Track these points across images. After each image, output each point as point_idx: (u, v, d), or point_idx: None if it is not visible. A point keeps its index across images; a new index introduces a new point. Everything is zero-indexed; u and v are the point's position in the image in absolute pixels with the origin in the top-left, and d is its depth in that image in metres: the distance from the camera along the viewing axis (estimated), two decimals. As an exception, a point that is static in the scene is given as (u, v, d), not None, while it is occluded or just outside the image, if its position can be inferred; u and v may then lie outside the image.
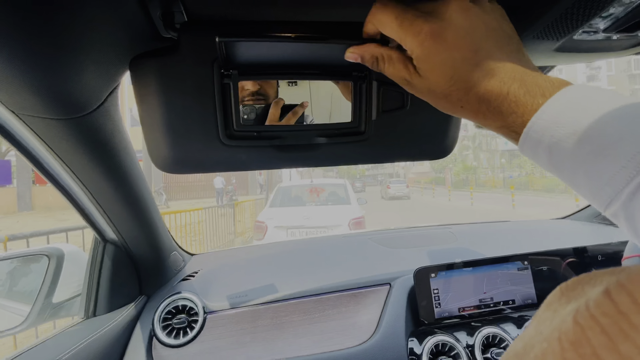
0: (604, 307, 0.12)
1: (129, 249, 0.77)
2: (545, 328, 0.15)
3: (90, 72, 0.36)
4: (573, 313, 0.13)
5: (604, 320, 0.12)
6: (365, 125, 0.41)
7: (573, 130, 0.24)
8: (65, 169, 0.51)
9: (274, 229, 4.31)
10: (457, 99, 0.29)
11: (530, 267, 0.87)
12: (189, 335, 0.76)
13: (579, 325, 0.13)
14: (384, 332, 0.77)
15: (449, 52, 0.28)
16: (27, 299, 0.74)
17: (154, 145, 0.37)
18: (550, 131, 0.25)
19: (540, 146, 0.26)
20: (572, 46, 0.46)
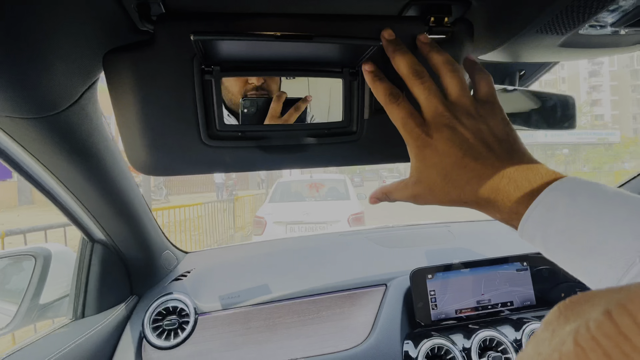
0: (605, 328, 0.12)
1: (118, 249, 0.76)
2: (545, 348, 0.14)
3: (60, 68, 0.34)
4: (573, 334, 0.13)
5: (606, 342, 0.12)
6: (356, 124, 0.39)
7: (560, 229, 0.26)
8: (44, 170, 0.49)
9: (273, 224, 4.31)
10: (456, 195, 0.32)
11: (529, 268, 0.85)
12: (179, 337, 0.74)
13: (579, 347, 0.12)
14: (378, 334, 0.75)
15: (439, 158, 0.32)
16: (14, 299, 0.73)
17: (131, 147, 0.34)
18: (542, 228, 0.27)
19: (536, 240, 0.28)
20: (577, 41, 0.43)
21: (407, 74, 0.34)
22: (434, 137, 0.32)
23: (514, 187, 0.29)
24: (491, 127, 0.33)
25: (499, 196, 0.30)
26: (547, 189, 0.28)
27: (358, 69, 0.37)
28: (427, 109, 0.33)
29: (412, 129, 0.33)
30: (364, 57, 0.35)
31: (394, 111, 0.34)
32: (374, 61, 0.36)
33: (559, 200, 0.27)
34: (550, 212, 0.27)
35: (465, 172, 0.31)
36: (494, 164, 0.31)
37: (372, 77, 0.35)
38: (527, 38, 0.43)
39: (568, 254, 0.26)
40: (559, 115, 0.61)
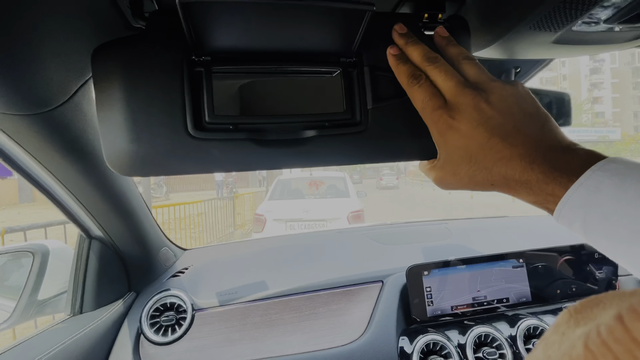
0: (617, 333, 0.12)
1: (115, 246, 0.76)
2: (554, 352, 0.14)
3: (53, 64, 0.34)
4: (584, 338, 0.13)
5: (617, 347, 0.12)
6: (360, 114, 0.36)
7: (604, 212, 0.24)
8: (39, 166, 0.49)
9: (273, 221, 4.31)
10: (482, 178, 0.31)
11: (525, 264, 0.85)
12: (177, 332, 0.75)
13: (590, 352, 0.12)
14: (374, 330, 0.76)
15: (464, 140, 0.30)
16: (14, 295, 0.73)
17: (110, 143, 0.31)
18: (583, 211, 0.25)
19: (574, 224, 0.26)
20: (571, 38, 0.43)
21: (422, 61, 0.33)
22: (456, 119, 0.31)
23: (550, 167, 0.27)
24: (519, 102, 0.31)
25: (532, 177, 0.28)
26: (591, 170, 0.26)
27: (355, 58, 0.36)
28: (446, 89, 0.32)
29: (433, 111, 0.32)
30: (357, 41, 0.34)
31: (414, 94, 0.33)
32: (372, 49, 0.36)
33: (604, 182, 0.25)
34: (594, 194, 0.25)
35: (492, 153, 0.29)
36: (524, 143, 0.29)
37: (395, 60, 0.34)
38: (521, 34, 0.43)
39: (612, 240, 0.25)
40: (554, 113, 0.61)
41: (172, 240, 0.99)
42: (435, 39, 0.37)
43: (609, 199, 0.24)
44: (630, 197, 0.24)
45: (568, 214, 0.26)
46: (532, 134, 0.29)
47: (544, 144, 0.29)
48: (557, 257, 0.89)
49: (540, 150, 0.28)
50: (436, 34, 0.37)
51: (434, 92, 0.32)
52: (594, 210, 0.25)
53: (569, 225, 0.27)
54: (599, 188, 0.25)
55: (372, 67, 0.36)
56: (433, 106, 0.32)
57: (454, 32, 0.40)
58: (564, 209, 0.26)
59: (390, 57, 0.35)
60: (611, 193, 0.24)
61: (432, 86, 0.33)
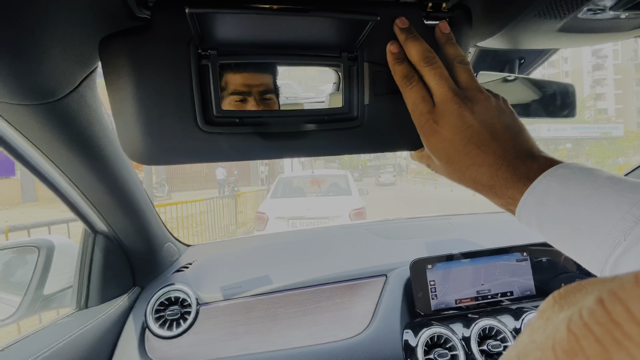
0: (598, 315, 0.12)
1: (120, 240, 0.76)
2: (539, 336, 0.15)
3: (58, 54, 0.34)
4: (566, 321, 0.13)
5: (598, 329, 0.12)
6: (357, 110, 0.38)
7: (553, 212, 0.28)
8: (43, 158, 0.49)
9: (275, 219, 4.32)
10: (457, 178, 0.35)
11: (529, 258, 0.85)
12: (181, 326, 0.75)
13: (572, 334, 0.13)
14: (378, 324, 0.76)
15: (443, 144, 0.34)
16: (20, 291, 0.74)
17: (125, 134, 0.33)
18: (536, 211, 0.29)
19: (532, 223, 0.30)
20: (576, 26, 0.43)
21: (419, 60, 0.35)
22: (439, 124, 0.34)
23: (512, 174, 0.31)
24: (498, 114, 0.34)
25: (497, 182, 0.31)
26: (542, 175, 0.29)
27: (356, 53, 0.36)
28: (437, 94, 0.34)
29: (421, 114, 0.35)
30: (361, 40, 0.35)
31: (407, 94, 0.36)
32: (372, 44, 0.36)
33: (552, 186, 0.28)
34: (545, 197, 0.28)
35: (466, 158, 0.33)
36: (496, 152, 0.32)
37: (393, 58, 0.36)
38: (526, 23, 0.42)
39: (561, 236, 0.28)
40: (558, 104, 0.61)
41: (175, 236, 1.00)
42: (437, 34, 0.38)
43: (556, 200, 0.28)
44: (572, 198, 0.27)
45: (525, 215, 0.30)
46: (503, 143, 0.32)
47: (512, 153, 0.32)
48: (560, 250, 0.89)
49: (507, 159, 0.31)
50: (438, 29, 0.37)
51: (424, 96, 0.35)
52: (545, 210, 0.28)
53: (528, 224, 0.30)
54: (548, 191, 0.28)
55: (372, 63, 0.37)
56: (422, 110, 0.35)
57: (457, 23, 0.40)
58: (522, 211, 0.30)
59: (390, 54, 0.36)
60: (557, 195, 0.28)
61: (423, 88, 0.35)
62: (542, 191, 0.29)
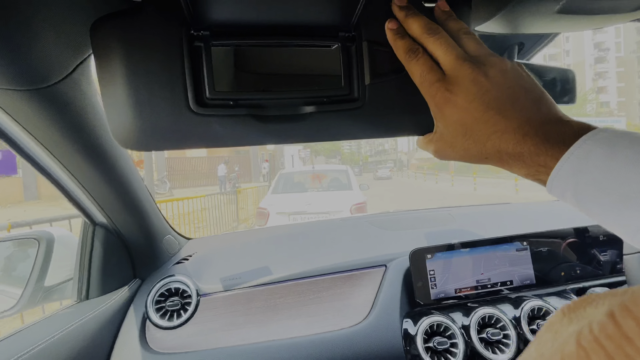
0: (608, 330, 0.12)
1: (119, 232, 0.76)
2: (547, 350, 0.14)
3: (50, 38, 0.34)
4: (576, 335, 0.13)
5: (609, 344, 0.12)
6: (358, 91, 0.36)
7: (594, 179, 0.25)
8: (40, 147, 0.49)
9: (276, 215, 4.33)
10: (477, 151, 0.31)
11: (529, 247, 0.85)
12: (182, 317, 0.76)
13: (582, 349, 0.12)
14: (378, 313, 0.76)
15: (460, 113, 0.31)
16: (21, 283, 0.74)
17: (115, 119, 0.32)
18: (574, 179, 0.26)
19: (567, 193, 0.27)
20: (576, 7, 0.42)
21: (421, 32, 0.33)
22: (453, 92, 0.31)
23: (543, 139, 0.28)
24: (516, 77, 0.31)
25: (526, 149, 0.28)
26: (581, 139, 0.26)
27: (354, 32, 0.36)
28: (446, 62, 0.32)
29: (431, 84, 0.32)
30: (356, 17, 0.34)
31: (413, 68, 0.33)
32: (370, 24, 0.36)
33: (593, 151, 0.25)
34: (584, 162, 0.25)
35: (487, 126, 0.30)
36: (519, 116, 0.29)
37: (393, 34, 0.34)
38: (524, 3, 0.42)
39: (602, 206, 0.25)
40: (558, 90, 0.61)
41: (175, 229, 1.00)
42: (436, 13, 0.36)
43: (599, 166, 0.25)
44: (619, 162, 0.24)
45: (560, 184, 0.27)
46: (526, 108, 0.30)
47: (537, 118, 0.29)
48: (561, 240, 0.89)
49: (533, 124, 0.29)
50: (437, 8, 0.36)
51: (432, 66, 0.33)
52: (584, 177, 0.25)
53: (561, 195, 0.28)
54: (589, 156, 0.25)
55: (370, 42, 0.36)
56: (431, 79, 0.32)
57: (456, 4, 0.39)
58: (556, 179, 0.27)
59: (389, 31, 0.35)
60: (600, 160, 0.25)
61: (430, 60, 0.33)
62: (581, 156, 0.25)
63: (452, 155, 0.34)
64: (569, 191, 0.27)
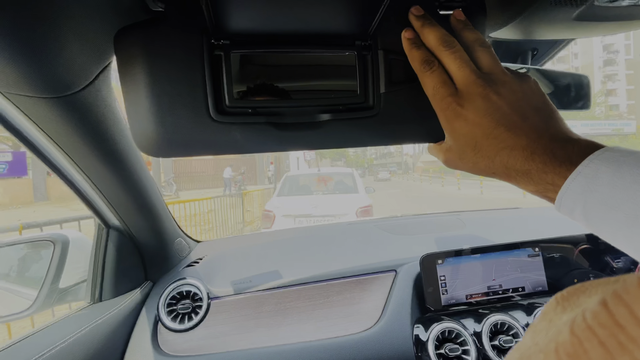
0: (601, 318, 0.12)
1: (132, 235, 0.77)
2: (541, 339, 0.15)
3: (75, 47, 0.34)
4: (569, 323, 0.13)
5: (601, 332, 0.12)
6: (373, 99, 0.37)
7: (603, 198, 0.25)
8: (60, 152, 0.50)
9: (281, 217, 4.33)
10: (485, 165, 0.32)
11: (541, 254, 0.84)
12: (193, 320, 0.76)
13: (575, 337, 0.13)
14: (389, 318, 0.76)
15: (469, 128, 0.32)
16: (36, 285, 0.75)
17: (137, 126, 0.33)
18: (583, 198, 0.26)
19: (575, 212, 0.27)
20: (593, 14, 0.42)
21: (437, 44, 0.34)
22: (465, 107, 0.32)
23: (551, 157, 0.28)
24: (527, 95, 0.32)
25: (534, 167, 0.29)
26: (588, 159, 0.26)
27: (370, 41, 0.36)
28: (459, 78, 0.33)
29: (443, 98, 0.33)
30: (373, 27, 0.35)
31: (426, 79, 0.34)
32: (387, 33, 0.36)
33: (601, 169, 0.26)
34: (592, 182, 0.26)
35: (496, 142, 0.30)
36: (529, 134, 0.30)
37: (409, 44, 0.35)
38: (541, 11, 0.42)
39: (611, 225, 0.25)
40: (572, 95, 0.60)
41: (185, 232, 1.01)
42: (452, 22, 0.36)
43: (607, 185, 0.25)
44: (627, 182, 0.24)
45: (568, 202, 0.27)
46: (536, 126, 0.30)
47: (546, 136, 0.29)
48: (573, 246, 0.88)
49: (542, 141, 0.29)
50: (453, 17, 0.36)
51: (445, 80, 0.33)
52: (593, 196, 0.26)
53: (570, 213, 0.28)
54: (597, 175, 0.26)
55: (386, 51, 0.37)
56: (443, 94, 0.33)
57: (471, 12, 0.39)
58: (564, 198, 0.27)
59: (405, 40, 0.35)
60: (608, 179, 0.25)
61: (444, 73, 0.34)
62: (589, 175, 0.26)
63: (460, 166, 0.35)
64: (577, 210, 0.27)
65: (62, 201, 11.26)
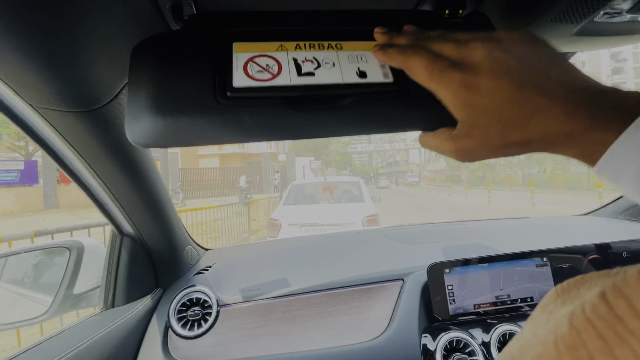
0: (600, 310, 0.12)
1: (145, 243, 0.79)
2: (541, 330, 0.14)
3: (102, 65, 0.37)
4: (569, 316, 0.13)
5: (600, 324, 0.12)
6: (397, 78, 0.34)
7: None
8: (82, 162, 0.53)
9: (287, 226, 4.34)
10: (518, 138, 0.26)
11: (549, 263, 0.84)
12: (203, 327, 0.77)
13: (574, 329, 0.13)
14: (396, 327, 0.76)
15: (488, 98, 0.26)
16: (51, 290, 0.77)
17: (135, 115, 0.30)
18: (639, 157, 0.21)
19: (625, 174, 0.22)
20: (593, 29, 0.44)
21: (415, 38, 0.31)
22: (474, 74, 0.26)
23: (598, 111, 0.23)
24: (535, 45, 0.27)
25: (577, 125, 0.23)
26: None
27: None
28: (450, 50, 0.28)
29: (442, 72, 0.27)
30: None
31: (412, 64, 0.29)
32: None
33: None
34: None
35: (526, 105, 0.25)
36: (559, 87, 0.24)
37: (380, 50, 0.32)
38: (542, 28, 0.43)
39: None
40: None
41: (194, 240, 1.03)
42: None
43: None
44: None
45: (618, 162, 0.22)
46: (562, 76, 0.25)
47: (581, 86, 0.24)
48: (582, 256, 0.87)
49: (579, 94, 0.24)
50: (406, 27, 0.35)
51: (436, 55, 0.28)
52: None
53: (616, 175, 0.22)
54: None
55: None
56: (441, 67, 0.27)
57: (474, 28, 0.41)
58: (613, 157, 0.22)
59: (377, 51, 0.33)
60: None
61: (430, 51, 0.29)
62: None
63: (482, 152, 0.28)
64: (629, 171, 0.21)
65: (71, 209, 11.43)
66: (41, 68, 0.33)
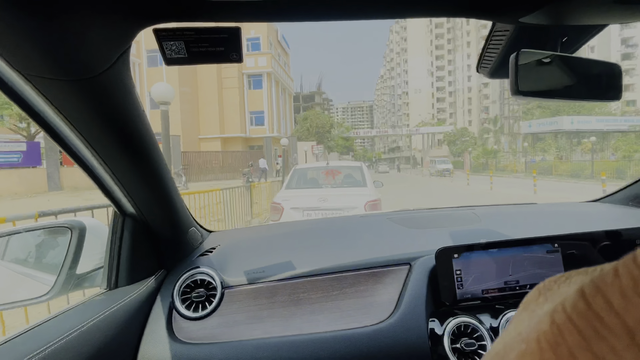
0: (579, 308, 0.12)
1: (147, 223, 0.78)
2: (524, 328, 0.15)
3: (97, 31, 0.34)
4: (550, 313, 0.13)
5: (579, 320, 0.12)
6: None
7: None
8: (77, 136, 0.50)
9: (290, 210, 4.34)
10: None
11: (560, 250, 0.82)
12: (207, 308, 0.77)
13: (556, 326, 0.13)
14: (403, 311, 0.75)
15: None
16: (54, 270, 0.77)
17: None
18: None
19: None
20: None
21: None
22: None
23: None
24: None
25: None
26: None
27: None
28: None
29: None
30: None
31: None
32: None
33: None
34: None
35: None
36: None
37: None
38: None
39: None
40: (603, 85, 0.58)
41: (197, 221, 1.01)
42: None
43: None
44: None
45: None
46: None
47: None
48: (593, 243, 0.85)
49: None
50: None
51: None
52: None
53: None
54: None
55: None
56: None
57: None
58: None
59: None
60: None
61: None
62: None
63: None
64: None
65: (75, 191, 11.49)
66: (27, 33, 0.30)
